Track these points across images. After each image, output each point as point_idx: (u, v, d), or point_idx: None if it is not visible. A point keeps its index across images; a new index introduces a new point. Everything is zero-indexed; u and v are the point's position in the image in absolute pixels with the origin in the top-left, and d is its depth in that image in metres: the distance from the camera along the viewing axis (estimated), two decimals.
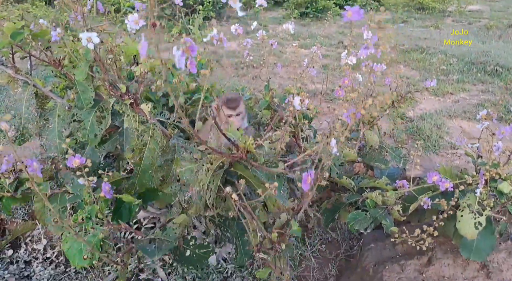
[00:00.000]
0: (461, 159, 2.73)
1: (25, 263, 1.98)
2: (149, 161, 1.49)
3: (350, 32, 2.04)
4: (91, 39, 1.18)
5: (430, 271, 1.65)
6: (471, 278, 1.62)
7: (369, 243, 1.91)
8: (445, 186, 1.51)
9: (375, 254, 1.83)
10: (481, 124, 1.66)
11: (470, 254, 1.56)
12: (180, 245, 1.41)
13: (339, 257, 2.04)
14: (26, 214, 2.16)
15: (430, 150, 2.87)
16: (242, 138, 1.26)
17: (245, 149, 1.25)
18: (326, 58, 5.47)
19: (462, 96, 4.00)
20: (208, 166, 1.28)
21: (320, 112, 3.57)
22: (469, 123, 3.30)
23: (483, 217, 1.49)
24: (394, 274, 1.67)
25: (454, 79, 4.49)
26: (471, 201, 1.53)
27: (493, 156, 1.58)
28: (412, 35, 7.07)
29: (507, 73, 4.57)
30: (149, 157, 1.49)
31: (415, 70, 4.90)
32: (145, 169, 1.50)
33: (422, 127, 3.17)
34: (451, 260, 1.67)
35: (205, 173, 1.28)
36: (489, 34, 7.23)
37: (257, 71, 2.20)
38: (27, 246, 2.06)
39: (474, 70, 4.81)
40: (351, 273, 1.89)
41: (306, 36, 6.53)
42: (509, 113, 3.41)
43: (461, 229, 1.50)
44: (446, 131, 3.14)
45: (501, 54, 5.38)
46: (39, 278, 1.89)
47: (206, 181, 1.29)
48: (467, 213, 1.51)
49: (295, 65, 4.60)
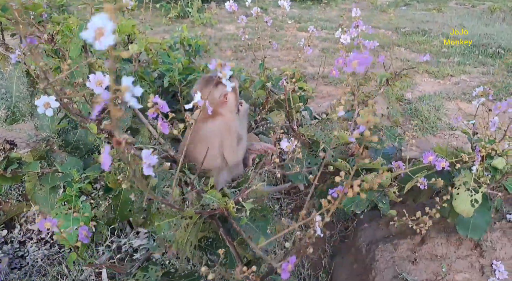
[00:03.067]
0: (458, 140, 2.71)
1: (19, 243, 1.99)
2: (130, 194, 1.37)
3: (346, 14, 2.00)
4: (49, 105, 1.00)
5: (423, 250, 1.65)
6: (464, 256, 1.62)
7: (363, 223, 1.91)
8: (441, 165, 1.49)
9: (369, 234, 1.82)
10: (477, 101, 1.64)
11: (467, 231, 1.55)
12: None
13: (334, 238, 2.04)
14: (20, 195, 2.16)
15: (427, 132, 2.85)
16: (222, 200, 1.17)
17: (226, 209, 1.17)
18: (326, 41, 5.42)
19: (462, 78, 3.96)
20: (187, 221, 1.19)
21: (318, 95, 3.54)
22: (468, 105, 3.27)
23: (479, 194, 1.48)
24: (387, 253, 1.67)
25: (455, 61, 4.44)
26: (467, 179, 1.52)
27: (489, 132, 1.56)
28: (414, 18, 6.99)
29: (509, 55, 4.52)
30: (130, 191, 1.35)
31: (416, 52, 4.85)
32: (126, 201, 1.38)
33: (420, 108, 3.15)
34: (444, 239, 1.67)
35: (184, 229, 1.19)
36: (492, 17, 7.13)
37: (255, 54, 2.17)
38: (21, 227, 2.07)
39: (476, 52, 4.75)
40: (345, 253, 1.89)
41: (306, 19, 6.47)
42: (510, 95, 3.37)
43: (457, 207, 1.49)
44: (444, 113, 3.12)
45: (504, 37, 5.31)
46: (33, 258, 1.90)
47: (184, 238, 1.20)
48: (463, 191, 1.50)
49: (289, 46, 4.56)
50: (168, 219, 1.17)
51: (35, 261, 1.90)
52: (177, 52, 2.62)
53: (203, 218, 1.21)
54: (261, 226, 1.20)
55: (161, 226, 1.17)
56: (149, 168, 0.65)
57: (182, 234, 1.17)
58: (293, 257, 0.85)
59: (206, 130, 1.65)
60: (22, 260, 1.91)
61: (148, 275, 1.24)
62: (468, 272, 1.58)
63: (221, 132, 1.68)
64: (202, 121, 1.67)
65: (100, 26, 0.42)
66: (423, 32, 5.71)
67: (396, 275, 1.58)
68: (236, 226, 1.15)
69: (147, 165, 0.65)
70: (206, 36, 5.27)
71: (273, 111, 2.12)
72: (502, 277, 1.52)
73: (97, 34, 0.42)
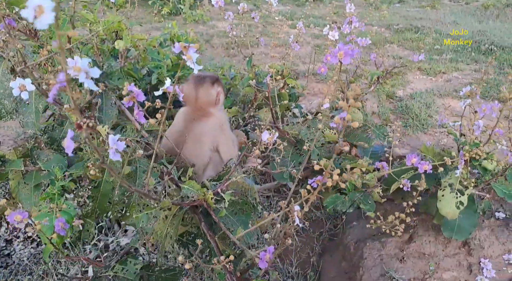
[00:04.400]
0: (449, 137, 2.70)
1: (5, 242, 1.97)
2: (109, 186, 1.35)
3: (337, 11, 1.99)
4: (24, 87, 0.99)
5: (411, 248, 1.64)
6: (452, 255, 1.61)
7: (352, 221, 1.90)
8: (423, 168, 1.48)
9: (357, 232, 1.81)
10: (463, 102, 1.63)
11: (452, 233, 1.54)
12: (143, 276, 1.29)
13: (323, 236, 2.03)
14: (7, 193, 2.14)
15: (418, 129, 2.84)
16: (201, 191, 1.16)
17: (205, 200, 1.16)
18: (319, 38, 5.40)
19: (454, 75, 3.96)
20: (166, 213, 1.18)
21: (310, 92, 3.53)
22: (459, 102, 3.26)
23: (465, 197, 1.47)
24: (374, 251, 1.66)
25: (447, 58, 4.44)
26: (453, 181, 1.51)
27: (474, 135, 1.56)
28: (408, 15, 6.98)
29: (502, 52, 4.52)
30: (109, 182, 1.35)
31: (409, 49, 4.84)
32: (105, 193, 1.37)
33: (411, 106, 3.14)
34: (432, 237, 1.66)
35: (163, 221, 1.19)
36: (486, 13, 7.14)
37: (246, 51, 2.15)
38: (8, 225, 2.04)
39: (468, 49, 4.75)
40: (334, 251, 1.88)
41: (299, 16, 6.45)
42: (501, 92, 3.37)
43: (442, 209, 1.48)
44: (435, 110, 3.11)
45: (497, 33, 5.31)
46: (19, 257, 1.88)
47: (163, 231, 1.19)
48: (448, 192, 1.49)
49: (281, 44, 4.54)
50: (146, 211, 1.16)
51: (21, 259, 1.88)
52: (167, 49, 2.60)
53: (183, 211, 1.20)
54: (242, 220, 1.19)
55: (139, 218, 1.17)
56: (116, 154, 0.64)
57: (160, 226, 1.16)
58: (271, 247, 0.84)
59: (200, 130, 1.65)
60: (8, 259, 1.89)
61: (127, 269, 1.22)
62: (456, 270, 1.57)
63: (214, 131, 1.68)
64: (196, 121, 1.67)
65: (39, 3, 0.40)
66: (416, 29, 5.70)
67: (384, 273, 1.58)
68: (215, 217, 1.14)
69: (113, 150, 0.64)
70: (198, 33, 5.24)
71: (262, 108, 2.11)
72: (490, 276, 1.52)
73: (36, 12, 0.40)
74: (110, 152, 0.64)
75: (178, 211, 1.18)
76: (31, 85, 0.95)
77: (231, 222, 1.18)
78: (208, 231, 1.18)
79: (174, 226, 1.19)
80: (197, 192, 1.14)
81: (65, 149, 1.69)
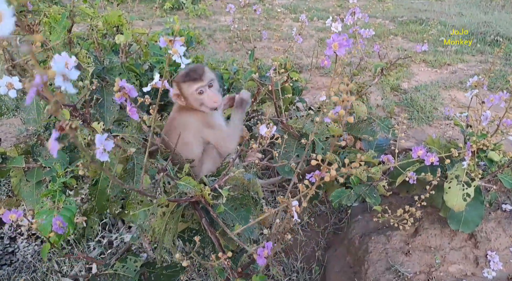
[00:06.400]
0: (454, 129, 2.67)
1: (10, 239, 1.96)
2: (107, 183, 1.33)
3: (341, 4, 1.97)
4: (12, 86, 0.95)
5: (416, 242, 1.62)
6: (458, 248, 1.59)
7: (357, 214, 1.88)
8: (430, 161, 1.47)
9: (362, 226, 1.80)
10: (470, 92, 1.60)
11: (458, 226, 1.52)
12: (143, 273, 1.28)
13: (328, 230, 2.01)
14: (10, 191, 2.14)
15: (423, 121, 2.81)
16: (198, 187, 1.13)
17: (202, 196, 1.14)
18: (322, 31, 5.36)
19: (459, 67, 3.91)
20: (163, 209, 1.15)
21: (314, 86, 3.50)
22: (464, 93, 3.23)
23: (472, 188, 1.45)
24: (379, 244, 1.64)
25: (452, 50, 4.39)
26: (459, 172, 1.49)
27: (481, 126, 1.53)
28: (412, 7, 6.92)
29: (508, 43, 4.46)
30: (107, 179, 1.32)
31: (413, 42, 4.79)
32: (103, 191, 1.34)
33: (416, 98, 3.11)
34: (438, 230, 1.64)
35: (160, 217, 1.16)
36: (491, 4, 7.06)
37: (249, 44, 2.13)
38: (12, 223, 2.04)
39: (474, 40, 4.70)
40: (339, 245, 1.86)
41: (303, 10, 6.40)
42: (507, 83, 3.33)
43: (448, 201, 1.46)
44: (440, 102, 3.08)
45: (503, 24, 5.25)
46: (23, 254, 1.88)
47: (162, 227, 1.16)
48: (455, 184, 1.47)
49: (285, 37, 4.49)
50: (143, 208, 1.14)
51: (25, 257, 1.87)
52: None
53: (182, 207, 1.19)
54: (243, 216, 1.18)
55: (137, 215, 1.16)
56: (104, 153, 0.62)
57: (158, 223, 1.14)
58: (269, 243, 0.82)
59: (179, 121, 1.68)
60: (12, 256, 1.89)
61: (127, 266, 1.21)
62: (462, 263, 1.55)
63: (198, 122, 1.68)
64: (176, 111, 1.70)
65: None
66: (421, 21, 5.65)
67: (389, 267, 1.56)
68: (213, 213, 1.13)
69: (101, 150, 0.62)
70: (200, 28, 5.22)
71: (265, 102, 2.09)
72: (497, 268, 1.50)
73: None
74: (97, 152, 0.62)
75: (176, 207, 1.16)
76: (18, 83, 0.93)
77: (231, 217, 1.16)
78: (209, 227, 1.17)
79: (173, 223, 1.18)
80: (193, 188, 1.12)
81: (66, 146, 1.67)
